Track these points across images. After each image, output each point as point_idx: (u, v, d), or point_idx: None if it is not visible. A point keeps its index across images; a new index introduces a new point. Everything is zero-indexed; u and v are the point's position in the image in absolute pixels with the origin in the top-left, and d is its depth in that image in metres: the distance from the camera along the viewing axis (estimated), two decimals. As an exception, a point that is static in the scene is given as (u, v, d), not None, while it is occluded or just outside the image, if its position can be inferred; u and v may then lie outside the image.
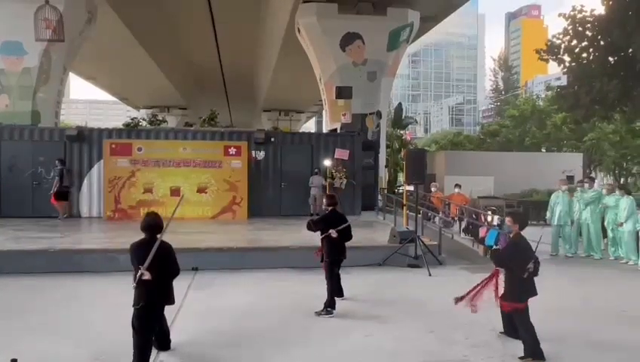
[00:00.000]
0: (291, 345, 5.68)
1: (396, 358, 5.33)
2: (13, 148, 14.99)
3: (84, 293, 7.71)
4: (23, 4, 18.24)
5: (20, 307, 6.98)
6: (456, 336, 5.94)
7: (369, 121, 20.99)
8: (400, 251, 9.98)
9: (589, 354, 5.52)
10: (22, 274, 8.61)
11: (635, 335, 6.14)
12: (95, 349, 5.37)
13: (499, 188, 22.82)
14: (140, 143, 15.08)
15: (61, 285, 8.12)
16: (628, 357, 5.50)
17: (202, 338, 5.82)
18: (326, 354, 5.44)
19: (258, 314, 6.85)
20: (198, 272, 8.99)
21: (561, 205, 11.78)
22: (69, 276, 8.63)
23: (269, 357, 5.35)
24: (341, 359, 5.25)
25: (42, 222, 13.27)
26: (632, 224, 10.63)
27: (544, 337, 5.28)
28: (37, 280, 8.37)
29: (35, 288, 7.93)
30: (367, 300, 7.61)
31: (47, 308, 6.96)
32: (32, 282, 8.27)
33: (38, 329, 5.96)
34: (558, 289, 8.15)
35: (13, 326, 6.09)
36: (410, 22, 20.93)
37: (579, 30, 19.69)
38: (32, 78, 18.85)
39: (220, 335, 5.98)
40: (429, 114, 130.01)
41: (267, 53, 30.11)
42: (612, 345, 5.79)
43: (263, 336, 5.97)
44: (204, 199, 14.97)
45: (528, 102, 45.93)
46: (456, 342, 5.75)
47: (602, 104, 19.62)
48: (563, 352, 5.47)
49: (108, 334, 5.75)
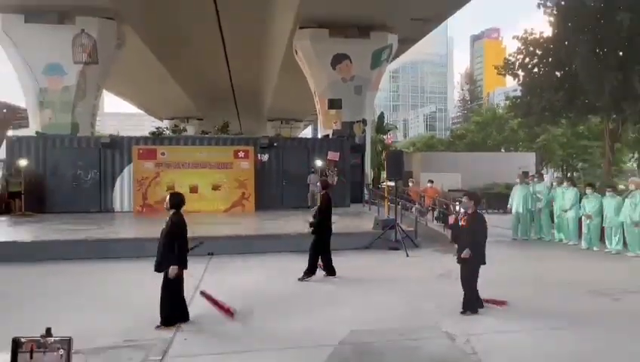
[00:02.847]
0: (292, 314, 5.73)
1: (378, 324, 5.36)
2: (56, 154, 14.95)
3: (117, 277, 7.72)
4: (63, 33, 18.23)
5: (65, 289, 6.99)
6: (428, 306, 6.00)
7: (356, 127, 21.01)
8: (382, 236, 10.03)
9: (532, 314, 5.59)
10: (64, 261, 8.61)
11: (572, 302, 6.22)
12: (125, 322, 5.38)
13: (465, 182, 22.83)
14: (164, 149, 15.06)
15: (97, 270, 8.14)
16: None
17: (217, 312, 5.85)
18: (319, 321, 5.47)
19: (264, 289, 6.88)
20: (213, 257, 9.01)
21: (518, 196, 11.73)
22: (103, 262, 8.66)
23: (274, 323, 5.39)
24: (332, 324, 5.27)
25: (81, 216, 13.27)
26: (575, 211, 10.72)
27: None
28: (77, 265, 8.38)
29: (76, 272, 7.94)
30: (354, 277, 7.64)
31: (86, 288, 6.97)
32: (72, 267, 8.27)
33: (80, 307, 5.98)
34: (517, 264, 8.23)
35: (61, 305, 6.11)
36: (390, 43, 20.94)
37: (530, 49, 19.80)
38: (71, 95, 18.81)
39: (232, 305, 6.00)
40: (408, 121, 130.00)
41: (270, 72, 30.06)
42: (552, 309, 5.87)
43: (268, 308, 6.00)
44: (218, 195, 14.96)
45: (490, 111, 46.07)
46: (428, 311, 5.81)
47: (551, 111, 19.73)
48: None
49: (137, 310, 5.78)
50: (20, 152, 14.69)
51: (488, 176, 23.08)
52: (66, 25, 18.22)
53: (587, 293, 6.62)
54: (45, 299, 6.36)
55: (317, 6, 17.71)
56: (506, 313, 5.72)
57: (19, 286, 7.14)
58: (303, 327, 5.28)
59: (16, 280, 7.48)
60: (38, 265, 8.37)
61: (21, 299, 6.39)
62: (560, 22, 18.28)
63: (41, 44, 18.10)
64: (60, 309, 5.83)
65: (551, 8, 18.69)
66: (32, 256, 8.72)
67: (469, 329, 5.14)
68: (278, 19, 20.94)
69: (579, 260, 9.30)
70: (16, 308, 6.00)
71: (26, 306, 6.06)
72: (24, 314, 5.68)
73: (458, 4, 19.36)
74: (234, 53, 26.17)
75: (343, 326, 5.17)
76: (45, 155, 14.86)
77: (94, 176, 14.92)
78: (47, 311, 5.77)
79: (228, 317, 5.54)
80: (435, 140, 51.57)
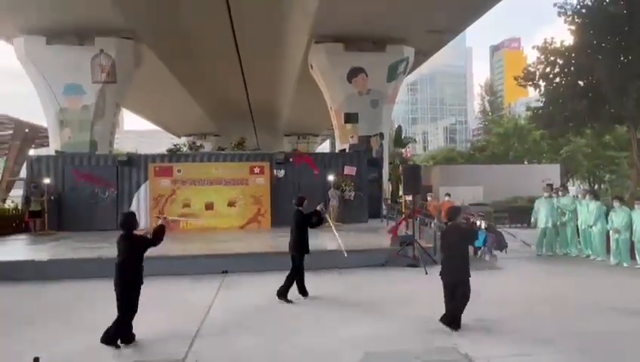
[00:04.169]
0: (303, 333, 5.66)
1: (393, 346, 5.24)
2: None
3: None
4: (83, 53, 18.76)
5: (73, 306, 7.05)
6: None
7: (373, 141, 20.95)
8: (400, 253, 9.88)
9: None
10: (77, 279, 8.64)
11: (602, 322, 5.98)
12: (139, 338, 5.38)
13: (487, 196, 22.54)
14: (179, 166, 15.25)
15: (109, 288, 8.16)
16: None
17: (229, 329, 5.83)
18: (331, 342, 5.37)
19: (277, 308, 6.83)
20: (227, 274, 9.01)
21: (545, 210, 11.37)
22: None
23: (284, 343, 5.32)
24: (346, 344, 5.17)
25: (97, 234, 13.42)
26: (601, 225, 10.40)
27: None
28: (88, 284, 8.30)
29: (86, 291, 7.97)
30: (369, 295, 7.53)
31: (96, 307, 7.01)
32: (84, 286, 8.25)
33: (90, 326, 5.98)
34: (541, 281, 7.99)
35: (74, 324, 6.15)
36: (406, 56, 20.94)
37: (551, 59, 19.56)
38: (90, 114, 19.20)
39: (243, 325, 5.98)
40: (427, 134, 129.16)
41: (286, 87, 30.35)
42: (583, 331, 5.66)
43: (280, 326, 5.96)
44: (233, 212, 15.03)
45: (511, 121, 45.44)
46: (446, 332, 5.61)
47: (574, 121, 19.36)
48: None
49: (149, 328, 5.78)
50: (40, 171, 15.06)
51: (510, 190, 22.72)
52: (85, 46, 18.74)
53: (615, 313, 6.37)
54: (58, 317, 6.42)
55: (332, 21, 17.86)
56: (527, 334, 5.53)
57: (34, 303, 7.24)
58: (314, 347, 5.19)
59: (33, 297, 7.60)
60: (53, 283, 8.48)
61: (34, 317, 6.46)
62: (582, 30, 18.03)
63: (61, 64, 18.64)
64: (74, 328, 5.88)
65: (572, 16, 18.47)
66: (47, 275, 8.87)
67: (489, 351, 4.98)
68: (293, 34, 21.20)
69: (607, 277, 8.98)
70: (27, 325, 6.06)
71: (38, 324, 6.12)
72: (36, 332, 5.73)
73: (474, 16, 19.28)
74: (250, 69, 26.56)
75: (356, 348, 5.06)
76: (64, 174, 15.19)
77: (111, 194, 15.16)
78: (60, 329, 5.82)
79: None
80: (455, 153, 50.96)
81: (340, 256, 8.07)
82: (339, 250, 8.05)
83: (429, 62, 29.25)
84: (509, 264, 10.13)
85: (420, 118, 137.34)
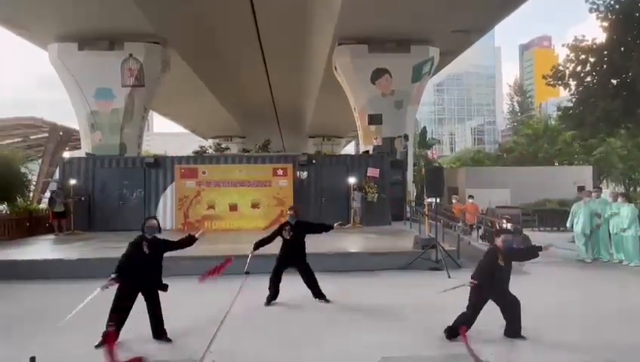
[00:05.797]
0: (322, 337, 5.62)
1: (412, 351, 5.15)
2: (104, 174, 15.71)
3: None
4: (112, 58, 19.30)
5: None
6: (469, 332, 5.69)
7: (397, 143, 20.76)
8: (422, 256, 9.74)
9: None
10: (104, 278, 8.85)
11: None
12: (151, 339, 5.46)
13: (515, 198, 21.95)
14: (204, 168, 15.48)
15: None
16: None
17: (248, 330, 5.86)
18: (348, 346, 5.31)
19: (297, 310, 6.83)
20: (249, 276, 9.04)
21: (584, 215, 10.93)
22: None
23: (303, 346, 5.30)
24: (366, 349, 5.12)
25: (125, 234, 13.68)
26: (634, 229, 9.99)
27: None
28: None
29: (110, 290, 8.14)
30: (389, 299, 7.43)
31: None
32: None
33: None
34: (573, 288, 7.70)
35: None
36: (431, 57, 20.69)
37: (581, 57, 18.93)
38: (119, 117, 19.78)
39: (262, 328, 6.00)
40: (454, 135, 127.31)
41: (310, 89, 30.45)
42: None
43: (300, 329, 5.94)
44: (257, 213, 15.15)
45: (541, 122, 44.28)
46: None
47: (606, 121, 18.68)
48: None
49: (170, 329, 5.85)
50: (72, 173, 15.54)
51: (539, 192, 22.09)
52: (115, 51, 19.31)
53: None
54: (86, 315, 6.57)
55: (355, 22, 17.82)
56: (550, 341, 5.34)
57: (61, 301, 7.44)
58: (333, 351, 5.16)
59: (62, 294, 7.83)
60: (81, 281, 8.70)
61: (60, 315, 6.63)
62: (614, 26, 17.38)
63: (92, 69, 19.25)
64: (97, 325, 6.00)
65: (604, 12, 17.83)
66: (77, 273, 9.15)
67: (512, 358, 4.84)
68: (317, 35, 21.26)
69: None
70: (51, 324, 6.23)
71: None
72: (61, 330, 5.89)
73: (501, 15, 18.90)
74: (275, 71, 26.80)
75: (374, 352, 4.99)
76: (94, 175, 15.64)
77: (139, 194, 15.51)
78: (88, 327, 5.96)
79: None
80: (482, 155, 49.98)
81: (364, 258, 8.02)
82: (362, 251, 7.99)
83: (456, 62, 28.81)
84: (536, 269, 9.84)
85: (447, 118, 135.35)
